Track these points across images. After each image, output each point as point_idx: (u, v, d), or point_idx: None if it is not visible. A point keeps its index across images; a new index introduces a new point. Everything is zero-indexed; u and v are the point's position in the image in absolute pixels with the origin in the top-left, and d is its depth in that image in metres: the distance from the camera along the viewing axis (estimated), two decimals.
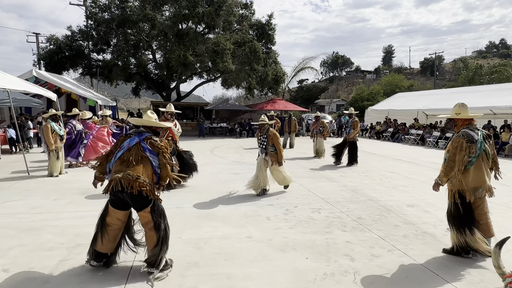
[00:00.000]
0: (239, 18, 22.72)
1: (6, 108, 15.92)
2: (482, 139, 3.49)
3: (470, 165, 3.47)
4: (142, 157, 3.11)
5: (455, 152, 3.46)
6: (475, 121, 3.65)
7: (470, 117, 3.62)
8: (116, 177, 2.97)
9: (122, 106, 48.30)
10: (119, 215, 3.16)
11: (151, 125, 3.38)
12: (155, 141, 3.21)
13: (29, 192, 6.28)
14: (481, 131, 3.55)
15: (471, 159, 3.45)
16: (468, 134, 3.48)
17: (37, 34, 25.67)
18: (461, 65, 35.71)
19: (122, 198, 3.04)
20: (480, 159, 3.48)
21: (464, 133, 3.50)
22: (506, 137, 12.81)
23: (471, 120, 3.63)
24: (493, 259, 2.26)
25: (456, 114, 3.67)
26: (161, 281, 3.02)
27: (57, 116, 8.06)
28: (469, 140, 3.44)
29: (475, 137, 3.46)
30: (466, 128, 3.56)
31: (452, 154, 3.49)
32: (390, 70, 64.15)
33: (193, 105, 23.21)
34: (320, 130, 11.45)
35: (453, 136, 3.61)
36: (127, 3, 21.13)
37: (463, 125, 3.63)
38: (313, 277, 3.14)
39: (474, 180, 3.47)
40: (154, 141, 3.20)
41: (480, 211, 3.57)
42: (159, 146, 3.19)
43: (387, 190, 6.70)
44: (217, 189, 6.68)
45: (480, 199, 3.55)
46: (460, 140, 3.46)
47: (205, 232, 4.26)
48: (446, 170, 3.52)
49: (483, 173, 3.52)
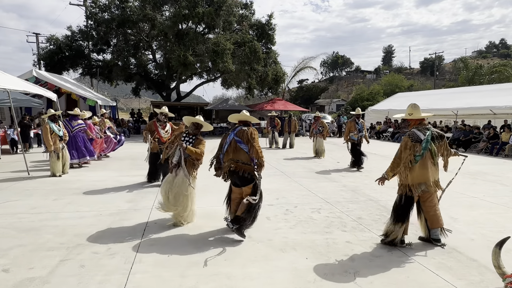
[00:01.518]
0: (239, 18, 22.72)
1: (6, 108, 15.92)
2: (430, 138, 3.71)
3: (415, 163, 3.70)
4: (238, 148, 4.09)
5: (401, 150, 3.74)
6: (426, 121, 3.89)
7: (422, 117, 3.86)
8: (228, 165, 4.13)
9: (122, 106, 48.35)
10: (237, 191, 4.25)
11: (242, 119, 4.39)
12: (243, 130, 4.13)
13: (29, 192, 6.28)
14: (430, 131, 3.76)
15: (416, 157, 3.68)
16: (414, 133, 3.75)
17: (37, 34, 25.69)
18: (461, 65, 35.72)
19: (235, 180, 4.20)
20: (425, 157, 3.71)
21: (411, 133, 3.77)
22: (506, 137, 12.80)
23: (422, 120, 3.87)
24: (493, 259, 2.25)
25: (409, 114, 3.90)
26: (161, 280, 3.03)
27: (56, 117, 8.06)
28: (414, 140, 3.70)
29: (421, 137, 3.70)
30: (416, 128, 3.81)
31: (398, 152, 3.77)
32: (390, 70, 64.17)
33: (193, 105, 23.24)
34: (320, 130, 11.44)
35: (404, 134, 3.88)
36: (127, 3, 21.14)
37: (415, 125, 3.87)
38: (313, 277, 3.14)
39: (418, 176, 3.72)
40: (242, 131, 4.13)
41: (429, 203, 3.85)
42: (246, 134, 4.07)
43: (387, 190, 6.69)
44: (217, 189, 6.67)
45: (428, 193, 3.80)
46: (406, 140, 3.74)
47: (205, 232, 4.26)
48: (392, 166, 3.80)
49: (427, 170, 3.74)
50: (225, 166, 4.17)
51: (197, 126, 4.63)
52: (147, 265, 3.33)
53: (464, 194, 6.34)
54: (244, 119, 4.37)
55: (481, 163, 10.66)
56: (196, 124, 4.63)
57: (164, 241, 3.91)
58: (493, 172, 8.95)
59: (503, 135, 13.06)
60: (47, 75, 16.52)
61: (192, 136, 4.59)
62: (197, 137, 4.61)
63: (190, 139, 4.57)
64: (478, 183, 7.48)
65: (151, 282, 3.01)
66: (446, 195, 6.32)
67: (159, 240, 4.00)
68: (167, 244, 3.84)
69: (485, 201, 5.91)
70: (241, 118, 4.39)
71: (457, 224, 4.67)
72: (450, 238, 4.13)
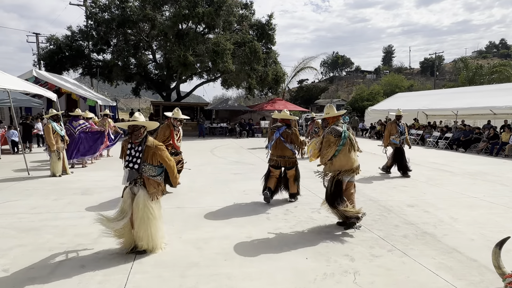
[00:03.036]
0: (239, 18, 22.72)
1: (6, 108, 15.92)
2: (346, 129, 4.35)
3: (337, 153, 4.28)
4: (283, 145, 5.37)
5: (326, 146, 4.31)
6: (340, 118, 4.54)
7: (336, 114, 4.47)
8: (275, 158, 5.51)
9: (122, 106, 48.32)
10: (276, 172, 5.57)
11: (283, 117, 5.44)
12: (288, 132, 5.35)
13: (29, 192, 6.28)
14: (345, 125, 4.43)
15: (339, 147, 4.27)
16: (335, 129, 4.32)
17: (37, 34, 25.69)
18: (461, 65, 35.69)
19: (279, 166, 5.53)
20: (346, 146, 4.29)
21: (332, 130, 4.32)
22: (506, 137, 12.80)
23: (338, 117, 4.49)
24: (493, 259, 2.25)
25: (326, 114, 4.51)
26: (161, 280, 3.03)
27: (58, 116, 8.07)
28: (336, 135, 4.28)
29: (340, 130, 4.31)
30: (334, 124, 4.40)
31: (324, 148, 4.34)
32: (390, 70, 64.10)
33: (193, 105, 23.23)
34: (315, 131, 11.48)
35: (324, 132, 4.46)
36: (127, 3, 21.13)
37: (333, 122, 4.44)
38: (313, 277, 3.14)
39: (343, 164, 4.29)
40: (287, 132, 5.36)
41: (348, 192, 4.44)
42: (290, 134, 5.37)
43: (387, 190, 6.70)
44: (217, 189, 6.68)
45: (350, 183, 4.44)
46: (329, 136, 4.29)
47: (205, 232, 4.26)
48: (321, 159, 4.40)
49: (349, 157, 4.32)
50: (273, 159, 5.53)
51: (134, 129, 3.45)
52: (147, 265, 3.33)
53: (464, 194, 6.34)
54: (285, 118, 5.51)
55: (481, 163, 10.66)
56: (131, 127, 3.45)
57: (163, 241, 3.90)
58: (493, 172, 8.95)
59: (503, 135, 13.05)
60: (47, 75, 16.52)
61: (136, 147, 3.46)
62: (145, 143, 3.46)
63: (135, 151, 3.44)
64: (478, 183, 7.48)
65: (151, 282, 3.01)
66: (446, 195, 6.35)
67: None
68: (167, 244, 3.83)
69: (485, 201, 5.91)
70: (283, 117, 5.52)
71: (457, 224, 4.67)
72: (450, 238, 4.14)
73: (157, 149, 3.47)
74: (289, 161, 5.46)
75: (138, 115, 3.59)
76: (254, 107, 26.09)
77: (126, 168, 3.49)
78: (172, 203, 5.46)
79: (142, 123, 3.49)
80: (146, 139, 3.50)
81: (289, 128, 5.43)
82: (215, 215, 4.97)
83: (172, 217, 4.77)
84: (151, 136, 3.64)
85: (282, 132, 5.30)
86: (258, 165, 9.81)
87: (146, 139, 3.50)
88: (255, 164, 10.02)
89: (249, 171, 8.75)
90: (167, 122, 5.99)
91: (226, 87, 24.43)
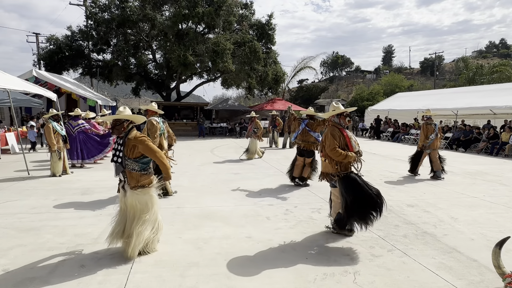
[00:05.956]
0: (239, 18, 22.72)
1: (6, 108, 15.92)
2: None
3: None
4: (308, 133, 6.85)
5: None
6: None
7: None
8: (300, 142, 6.93)
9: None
10: (300, 159, 6.97)
11: (309, 113, 7.11)
12: (312, 123, 6.89)
13: (29, 192, 6.28)
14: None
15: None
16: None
17: (37, 34, 25.66)
18: (461, 65, 35.69)
19: (302, 153, 6.89)
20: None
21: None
22: (506, 137, 12.79)
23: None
24: (493, 259, 2.25)
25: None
26: (161, 280, 3.03)
27: (59, 116, 8.07)
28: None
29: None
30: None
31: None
32: (390, 70, 64.09)
33: (193, 105, 23.21)
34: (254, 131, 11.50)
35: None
36: (127, 3, 21.11)
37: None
38: (313, 277, 3.14)
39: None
40: (312, 123, 6.89)
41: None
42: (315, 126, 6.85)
43: (387, 190, 6.70)
44: (217, 189, 6.68)
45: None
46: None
47: (205, 232, 4.26)
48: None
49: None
50: (299, 143, 6.97)
51: (116, 123, 3.43)
52: (147, 265, 3.33)
53: (464, 194, 6.34)
54: (310, 113, 7.12)
55: (481, 163, 10.66)
56: (114, 121, 3.44)
57: (164, 241, 3.90)
58: (493, 172, 8.95)
59: (503, 135, 13.05)
60: (47, 75, 16.50)
61: (120, 140, 3.45)
62: (127, 137, 3.39)
63: (118, 145, 3.45)
64: (478, 183, 7.48)
65: (151, 282, 3.01)
66: (446, 194, 6.35)
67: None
68: (167, 244, 3.83)
69: (485, 201, 5.91)
70: (308, 113, 7.17)
71: (457, 224, 4.67)
72: (450, 238, 4.14)
73: (137, 141, 3.34)
74: (311, 145, 6.83)
75: (122, 109, 3.55)
76: (254, 107, 26.08)
77: (112, 162, 3.54)
78: (172, 203, 5.46)
79: (126, 117, 3.45)
80: (129, 132, 3.43)
81: (313, 120, 6.96)
82: (215, 215, 4.97)
83: (172, 217, 4.77)
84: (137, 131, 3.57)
85: (307, 123, 6.89)
86: (258, 165, 9.81)
87: (129, 132, 3.43)
88: (255, 164, 10.02)
89: (249, 171, 8.75)
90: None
91: (226, 87, 24.43)
